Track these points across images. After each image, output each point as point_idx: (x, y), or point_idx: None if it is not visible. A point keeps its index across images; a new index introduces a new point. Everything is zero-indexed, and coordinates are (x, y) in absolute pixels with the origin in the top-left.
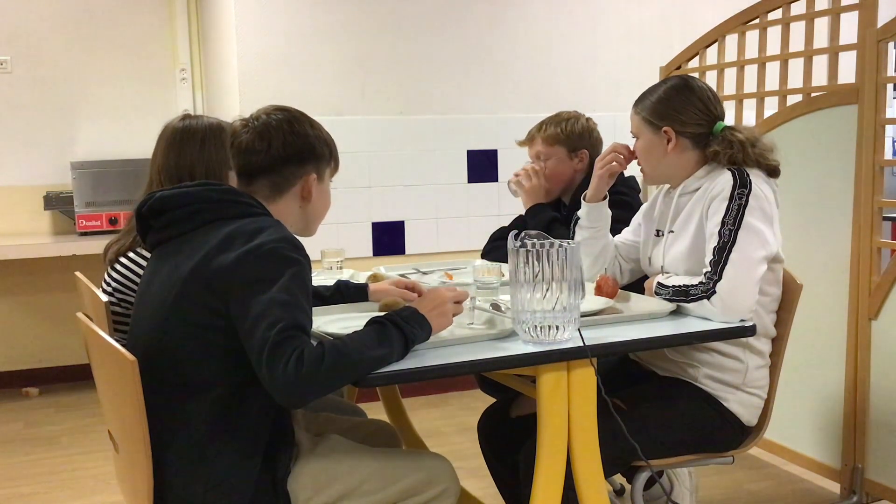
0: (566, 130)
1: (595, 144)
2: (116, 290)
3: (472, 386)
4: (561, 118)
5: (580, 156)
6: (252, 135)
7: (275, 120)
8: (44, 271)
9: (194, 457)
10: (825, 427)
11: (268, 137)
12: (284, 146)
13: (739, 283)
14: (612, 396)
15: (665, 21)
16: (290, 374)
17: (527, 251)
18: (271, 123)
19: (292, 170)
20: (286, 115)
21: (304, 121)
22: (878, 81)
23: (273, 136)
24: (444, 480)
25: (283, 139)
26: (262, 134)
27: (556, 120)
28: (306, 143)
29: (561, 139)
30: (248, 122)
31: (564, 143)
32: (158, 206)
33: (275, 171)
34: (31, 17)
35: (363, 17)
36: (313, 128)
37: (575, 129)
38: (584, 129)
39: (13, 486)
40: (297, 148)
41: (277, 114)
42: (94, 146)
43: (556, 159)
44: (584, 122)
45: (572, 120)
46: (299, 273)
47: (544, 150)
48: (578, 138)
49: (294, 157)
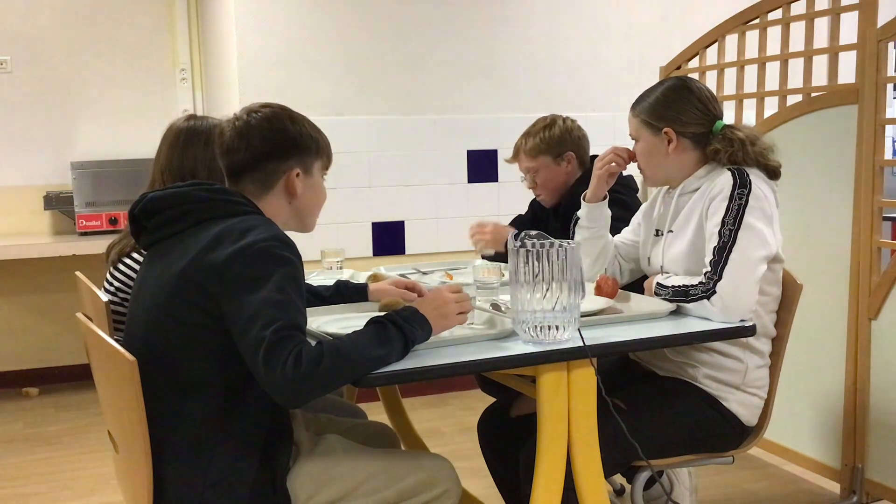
0: (545, 139)
1: (578, 142)
2: (119, 290)
3: (472, 386)
4: (538, 127)
5: (567, 158)
6: (232, 134)
7: (254, 118)
8: (44, 271)
9: (192, 456)
10: (825, 427)
11: (246, 135)
12: (262, 142)
13: (739, 283)
14: (612, 396)
15: (665, 21)
16: (289, 373)
17: (527, 251)
18: (251, 122)
19: (274, 166)
20: (267, 111)
21: (285, 116)
22: (878, 81)
23: (252, 134)
24: (444, 481)
25: (262, 136)
26: (241, 132)
27: (533, 130)
28: (285, 138)
29: (542, 149)
30: (233, 122)
31: (547, 152)
32: (150, 206)
33: (256, 168)
34: (32, 17)
35: (363, 18)
36: (294, 122)
37: (554, 134)
38: (562, 131)
39: (13, 486)
40: (275, 143)
41: (259, 111)
42: (94, 146)
43: (544, 170)
44: (561, 125)
45: (549, 126)
46: (291, 272)
47: (531, 165)
48: (559, 143)
49: (273, 152)
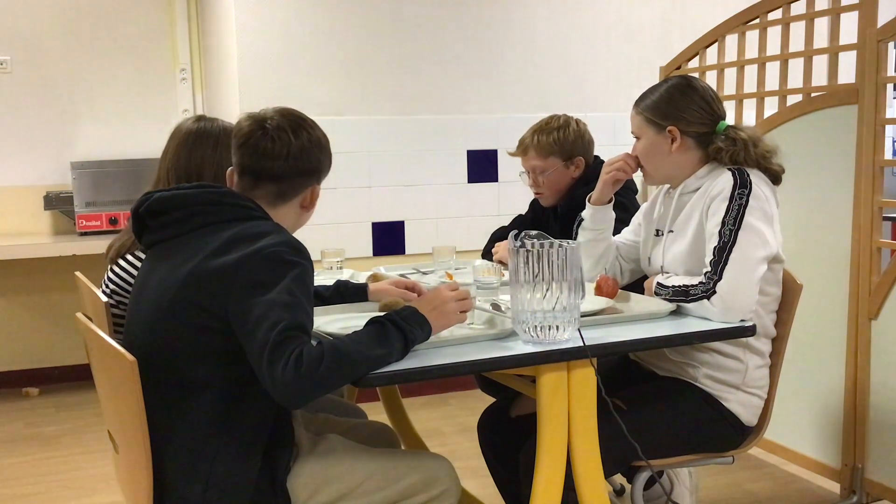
0: (559, 140)
1: (587, 147)
2: (115, 293)
3: (472, 386)
4: (552, 126)
5: (576, 163)
6: (269, 141)
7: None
8: (44, 271)
9: (194, 456)
10: (825, 427)
11: (287, 145)
12: (301, 159)
13: (739, 283)
14: (612, 396)
15: (665, 21)
16: (289, 374)
17: (527, 251)
18: (290, 131)
19: (302, 181)
20: (304, 123)
21: (317, 131)
22: (878, 81)
23: (292, 146)
24: (444, 481)
25: (301, 150)
26: (282, 141)
27: (546, 129)
28: (320, 159)
29: (555, 150)
30: (265, 125)
31: (559, 154)
32: (156, 206)
33: (285, 180)
34: (32, 17)
35: (363, 17)
36: (324, 139)
37: (568, 136)
38: (576, 135)
39: (13, 486)
40: (312, 163)
41: (293, 120)
42: (94, 146)
43: (552, 171)
44: (575, 127)
45: (563, 127)
46: (301, 275)
47: (540, 164)
48: (572, 146)
49: (312, 172)
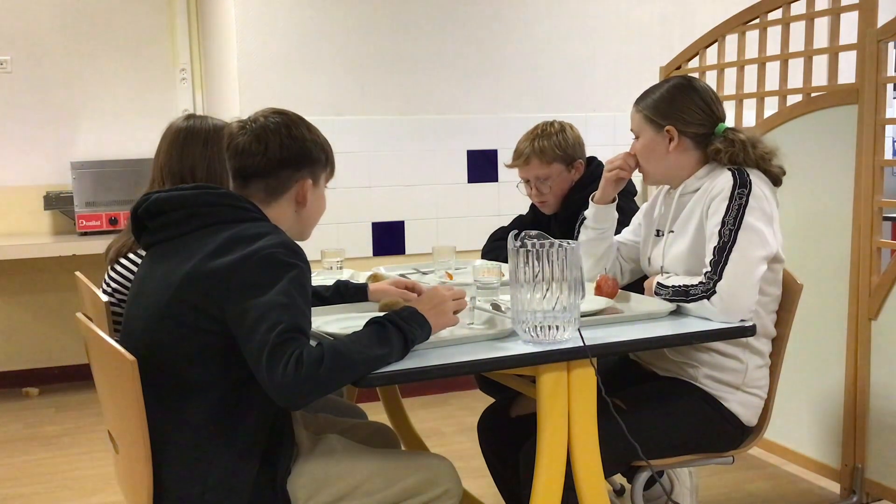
0: (561, 144)
1: (583, 149)
2: (116, 291)
3: (472, 386)
4: (550, 132)
5: (577, 166)
6: (249, 137)
7: (272, 123)
8: (44, 271)
9: (193, 457)
10: (825, 427)
11: (265, 140)
12: (281, 149)
13: (739, 283)
14: (612, 396)
15: (665, 21)
16: (290, 375)
17: (527, 251)
18: (269, 126)
19: (288, 174)
20: (283, 118)
21: (302, 125)
22: (878, 81)
23: (270, 140)
24: (445, 481)
25: (280, 142)
26: (258, 136)
27: (545, 135)
28: (303, 148)
29: (559, 155)
30: (246, 125)
31: (561, 160)
32: (155, 208)
33: (270, 174)
34: (31, 17)
35: (363, 17)
36: (310, 132)
37: (568, 140)
38: (574, 138)
39: (13, 486)
40: (293, 152)
41: (275, 117)
42: (94, 146)
43: (556, 177)
44: (570, 131)
45: (560, 131)
46: (298, 277)
47: (544, 172)
48: (573, 150)
49: (290, 161)
